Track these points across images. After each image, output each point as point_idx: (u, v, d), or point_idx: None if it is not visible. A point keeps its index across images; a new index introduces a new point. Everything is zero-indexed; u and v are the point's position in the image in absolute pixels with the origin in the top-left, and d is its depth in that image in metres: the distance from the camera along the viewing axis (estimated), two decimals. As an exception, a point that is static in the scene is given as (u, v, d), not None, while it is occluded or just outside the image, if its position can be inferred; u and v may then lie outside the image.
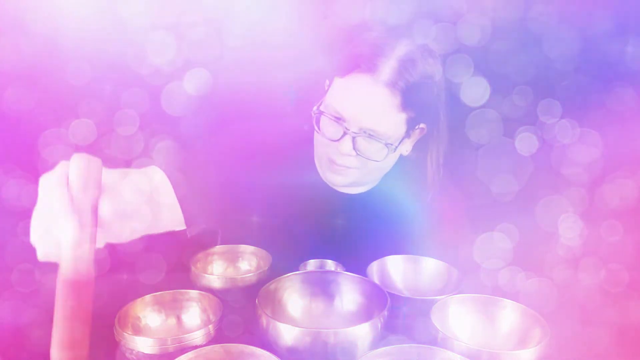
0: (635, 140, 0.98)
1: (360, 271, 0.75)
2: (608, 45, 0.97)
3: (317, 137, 0.88)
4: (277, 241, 0.87)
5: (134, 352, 0.62)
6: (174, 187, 0.71)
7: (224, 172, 0.98)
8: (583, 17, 0.98)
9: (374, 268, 0.79)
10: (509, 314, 0.69)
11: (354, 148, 0.82)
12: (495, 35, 0.98)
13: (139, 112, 1.10)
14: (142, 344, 0.61)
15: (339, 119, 0.82)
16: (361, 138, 0.82)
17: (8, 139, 1.02)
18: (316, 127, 0.85)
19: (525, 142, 1.04)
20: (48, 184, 0.54)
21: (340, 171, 0.87)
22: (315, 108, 0.86)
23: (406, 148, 0.90)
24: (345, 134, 0.82)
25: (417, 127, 0.86)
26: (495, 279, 0.81)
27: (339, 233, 0.96)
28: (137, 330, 0.68)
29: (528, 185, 1.06)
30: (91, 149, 1.08)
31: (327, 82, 0.88)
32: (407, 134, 0.85)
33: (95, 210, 0.52)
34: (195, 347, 0.61)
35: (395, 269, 0.82)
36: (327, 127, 0.84)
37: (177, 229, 0.73)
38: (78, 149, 1.07)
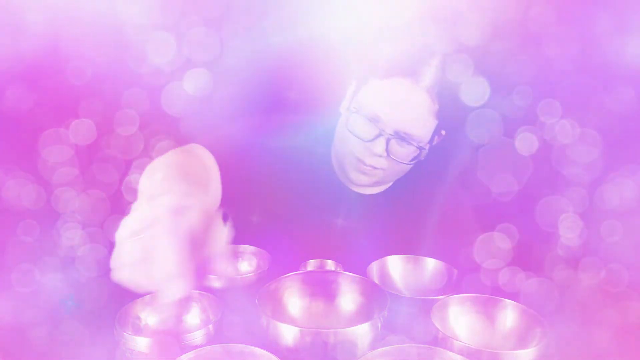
0: (635, 140, 0.98)
1: (360, 271, 0.75)
2: (608, 45, 0.97)
3: (344, 136, 0.88)
4: (277, 241, 0.87)
5: (134, 352, 0.62)
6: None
7: (224, 172, 0.98)
8: (583, 17, 0.98)
9: (374, 268, 0.79)
10: (509, 314, 0.68)
11: (386, 149, 0.84)
12: (495, 35, 0.98)
13: (139, 112, 1.10)
14: (142, 344, 0.61)
15: (374, 120, 0.83)
16: (394, 140, 0.83)
17: (8, 139, 1.02)
18: (347, 126, 0.86)
19: (525, 142, 1.04)
20: (159, 216, 0.45)
21: (367, 171, 0.88)
22: (345, 105, 0.87)
23: (425, 152, 0.91)
24: (380, 135, 0.83)
25: (440, 132, 0.88)
26: (495, 279, 0.81)
27: (339, 233, 0.96)
28: (137, 330, 0.68)
29: (528, 185, 1.05)
30: (91, 149, 1.09)
31: (354, 82, 0.89)
32: (432, 139, 0.87)
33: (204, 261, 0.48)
34: (195, 347, 0.61)
35: (395, 269, 0.82)
36: (360, 126, 0.85)
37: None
38: (78, 149, 1.07)
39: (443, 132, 0.89)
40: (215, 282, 0.76)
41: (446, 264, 0.80)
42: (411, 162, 0.87)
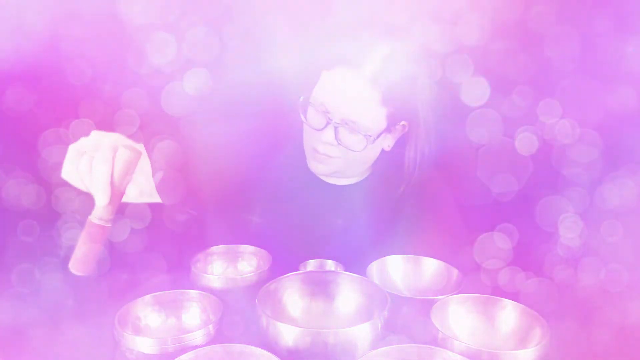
0: (635, 140, 0.98)
1: (360, 271, 0.75)
2: (608, 45, 0.97)
3: (305, 127, 0.92)
4: (277, 241, 0.87)
5: (134, 352, 0.62)
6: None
7: (224, 172, 0.99)
8: (583, 17, 0.98)
9: (374, 268, 0.79)
10: (509, 314, 0.69)
11: (336, 138, 0.86)
12: (495, 35, 0.98)
13: (139, 112, 1.10)
14: (142, 344, 0.61)
15: (323, 110, 0.86)
16: (343, 129, 0.86)
17: (8, 139, 1.02)
18: (302, 117, 0.90)
19: (525, 142, 1.04)
20: (103, 142, 0.65)
21: (322, 159, 0.91)
22: (301, 98, 0.90)
23: (388, 143, 0.93)
24: (328, 123, 0.86)
25: (398, 124, 0.90)
26: (495, 279, 0.81)
27: (339, 233, 0.96)
28: (137, 330, 0.68)
29: (528, 185, 1.05)
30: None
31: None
32: (388, 129, 0.89)
33: (123, 192, 0.67)
34: (195, 347, 0.61)
35: (395, 269, 0.82)
36: (313, 117, 0.89)
37: (153, 200, 0.76)
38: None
39: (403, 123, 0.90)
40: (215, 282, 0.76)
41: (446, 264, 0.80)
42: (364, 151, 0.88)
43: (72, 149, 0.66)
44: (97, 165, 0.63)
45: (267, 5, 1.16)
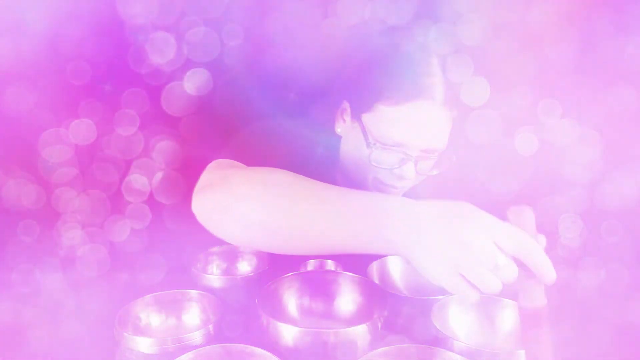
0: (635, 140, 0.98)
1: (360, 271, 0.75)
2: (608, 45, 0.97)
3: (361, 163, 0.84)
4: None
5: (134, 352, 0.62)
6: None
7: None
8: (583, 17, 0.98)
9: (374, 268, 0.79)
10: (509, 314, 0.69)
11: (416, 170, 0.81)
12: (495, 35, 0.98)
13: (139, 112, 1.10)
14: (142, 344, 0.61)
15: (398, 146, 0.80)
16: (422, 159, 0.82)
17: (8, 139, 1.02)
18: (376, 162, 0.82)
19: (525, 142, 1.04)
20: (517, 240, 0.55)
21: (396, 192, 0.86)
22: (371, 142, 0.81)
23: None
24: (406, 159, 0.80)
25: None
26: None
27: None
28: (137, 330, 0.68)
29: (528, 185, 1.05)
30: (91, 149, 1.09)
31: (347, 105, 0.85)
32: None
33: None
34: (195, 347, 0.61)
35: (395, 269, 0.82)
36: (385, 157, 0.82)
37: None
38: (78, 149, 1.07)
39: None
40: (215, 282, 0.76)
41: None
42: (436, 172, 0.85)
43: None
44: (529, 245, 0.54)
45: (267, 5, 1.16)
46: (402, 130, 0.79)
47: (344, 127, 0.88)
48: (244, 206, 0.61)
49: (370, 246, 0.57)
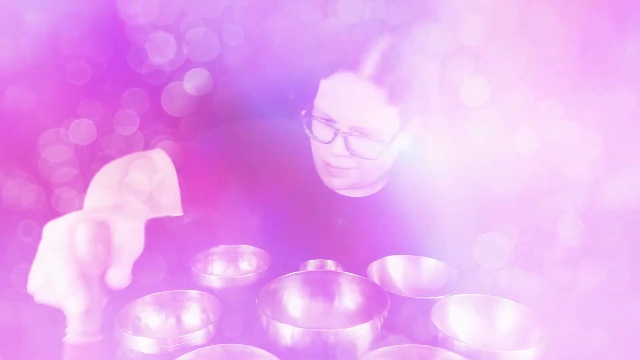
0: (635, 140, 0.98)
1: (360, 271, 0.75)
2: (608, 45, 0.97)
3: (313, 142, 0.87)
4: (277, 241, 0.87)
5: (134, 352, 0.62)
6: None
7: (223, 172, 0.98)
8: (583, 17, 0.98)
9: (374, 268, 0.79)
10: (509, 314, 0.69)
11: (347, 148, 0.81)
12: (495, 35, 0.98)
13: (139, 112, 1.10)
14: (142, 344, 0.61)
15: (329, 121, 0.81)
16: (353, 137, 0.80)
17: (8, 139, 1.02)
18: (308, 132, 0.84)
19: (525, 142, 1.04)
20: (53, 239, 0.48)
21: (336, 173, 0.86)
22: (303, 112, 0.84)
23: (406, 143, 0.88)
24: (336, 134, 0.80)
25: (413, 120, 0.84)
26: (495, 279, 0.81)
27: (339, 233, 0.96)
28: (137, 330, 0.68)
29: (528, 185, 1.05)
30: (91, 149, 1.09)
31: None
32: (403, 128, 0.83)
33: (104, 280, 0.48)
34: (195, 347, 0.61)
35: (395, 269, 0.82)
36: (319, 130, 0.83)
37: (174, 214, 0.73)
38: (78, 149, 1.07)
39: (419, 119, 0.85)
40: (215, 282, 0.76)
41: (446, 264, 0.80)
42: (380, 157, 0.82)
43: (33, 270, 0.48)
44: (54, 265, 0.45)
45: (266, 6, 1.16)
46: (328, 102, 0.81)
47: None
48: None
49: None
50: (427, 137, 0.92)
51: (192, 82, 1.12)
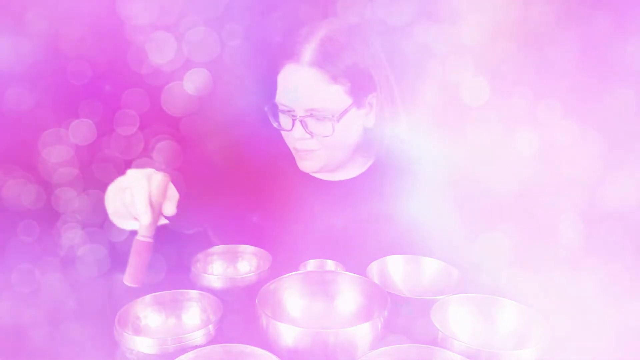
0: (635, 140, 0.98)
1: (360, 271, 0.75)
2: (608, 45, 0.97)
3: (282, 132, 0.95)
4: (277, 241, 0.87)
5: (134, 352, 0.62)
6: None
7: (223, 172, 0.98)
8: (583, 17, 0.98)
9: (374, 268, 0.79)
10: (509, 314, 0.69)
11: (306, 131, 0.89)
12: (495, 35, 0.98)
13: (139, 112, 1.10)
14: (142, 344, 0.61)
15: (288, 111, 0.89)
16: (309, 119, 0.88)
17: (8, 139, 1.02)
18: (274, 122, 0.93)
19: (525, 142, 1.04)
20: (137, 178, 0.72)
21: (304, 156, 0.94)
22: (266, 108, 0.92)
23: (367, 120, 0.94)
24: (294, 120, 0.89)
25: (367, 96, 0.91)
26: (495, 279, 0.81)
27: (339, 233, 0.96)
28: (137, 330, 0.68)
29: (528, 185, 1.05)
30: (91, 149, 1.09)
31: None
32: (357, 104, 0.90)
33: (160, 211, 0.74)
34: (195, 347, 0.61)
35: (395, 269, 0.82)
36: (282, 120, 0.92)
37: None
38: (78, 149, 1.07)
39: (374, 95, 0.92)
40: (215, 282, 0.76)
41: (446, 264, 0.80)
42: (336, 132, 0.89)
43: (112, 188, 0.75)
44: (137, 193, 0.70)
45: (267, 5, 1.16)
46: (282, 93, 0.90)
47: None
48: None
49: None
50: (426, 136, 0.92)
51: (192, 82, 1.12)
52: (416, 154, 0.97)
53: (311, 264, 0.81)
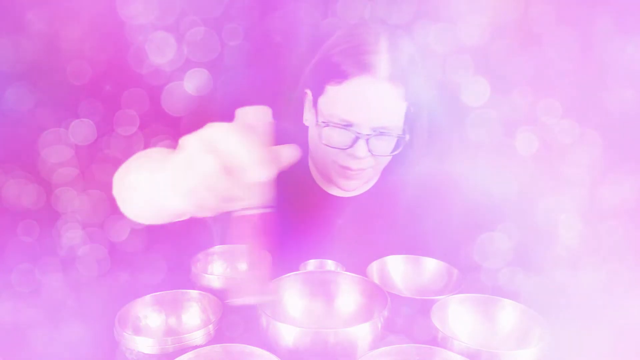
0: (635, 140, 0.98)
1: (360, 271, 0.75)
2: (608, 45, 0.97)
3: (319, 149, 0.87)
4: (277, 241, 0.87)
5: (134, 352, 0.62)
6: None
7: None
8: (583, 17, 0.98)
9: (374, 268, 0.79)
10: (509, 314, 0.69)
11: (369, 150, 0.82)
12: (495, 35, 0.98)
13: (139, 112, 1.10)
14: (142, 344, 0.61)
15: (346, 126, 0.81)
16: (374, 138, 0.81)
17: (8, 139, 1.02)
18: (321, 141, 0.84)
19: (525, 142, 1.04)
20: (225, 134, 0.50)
21: (354, 175, 0.86)
22: (309, 119, 0.85)
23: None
24: (357, 138, 0.81)
25: (409, 110, 0.85)
26: (495, 279, 0.81)
27: (339, 233, 0.96)
28: (137, 330, 0.68)
29: (528, 185, 1.05)
30: (91, 149, 1.09)
31: (309, 92, 0.87)
32: (409, 120, 0.85)
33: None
34: (195, 347, 0.61)
35: (395, 269, 0.82)
36: (336, 137, 0.83)
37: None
38: (78, 149, 1.07)
39: (412, 109, 0.85)
40: (215, 282, 0.76)
41: (446, 264, 0.80)
42: (394, 153, 0.85)
43: (189, 153, 0.51)
44: (238, 140, 0.49)
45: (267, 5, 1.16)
46: (347, 108, 0.80)
47: (308, 116, 0.90)
48: (115, 184, 0.69)
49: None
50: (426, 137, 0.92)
51: (192, 82, 1.12)
52: (416, 154, 0.97)
53: (311, 264, 0.81)
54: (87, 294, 0.78)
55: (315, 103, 0.86)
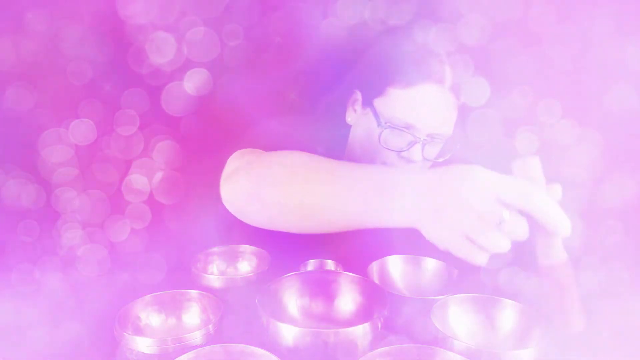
0: (635, 140, 0.98)
1: (360, 271, 0.75)
2: (608, 45, 0.97)
3: (372, 149, 0.88)
4: (277, 241, 0.87)
5: (134, 352, 0.62)
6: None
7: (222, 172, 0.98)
8: (583, 17, 0.98)
9: (374, 268, 0.79)
10: (509, 314, 0.69)
11: (423, 154, 0.85)
12: (495, 35, 0.98)
13: (139, 112, 1.10)
14: (142, 344, 0.61)
15: (407, 128, 0.84)
16: (428, 144, 0.85)
17: (8, 139, 1.02)
18: (379, 142, 0.85)
19: (525, 142, 1.04)
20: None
21: None
22: (384, 122, 0.85)
23: None
24: (415, 142, 0.84)
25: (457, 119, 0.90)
26: (495, 279, 0.81)
27: (339, 233, 0.96)
28: (137, 330, 0.68)
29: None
30: (91, 149, 1.09)
31: (358, 92, 0.89)
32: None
33: None
34: (195, 347, 0.61)
35: (395, 269, 0.82)
36: (393, 138, 0.85)
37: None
38: (78, 149, 1.07)
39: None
40: (215, 282, 0.76)
41: (446, 264, 0.80)
42: (440, 160, 0.88)
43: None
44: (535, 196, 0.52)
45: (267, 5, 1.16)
46: (411, 112, 0.83)
47: (354, 116, 0.92)
48: (262, 188, 0.64)
49: (382, 218, 0.58)
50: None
51: (192, 82, 1.12)
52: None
53: (311, 264, 0.81)
54: (87, 294, 0.78)
55: (369, 104, 0.87)
